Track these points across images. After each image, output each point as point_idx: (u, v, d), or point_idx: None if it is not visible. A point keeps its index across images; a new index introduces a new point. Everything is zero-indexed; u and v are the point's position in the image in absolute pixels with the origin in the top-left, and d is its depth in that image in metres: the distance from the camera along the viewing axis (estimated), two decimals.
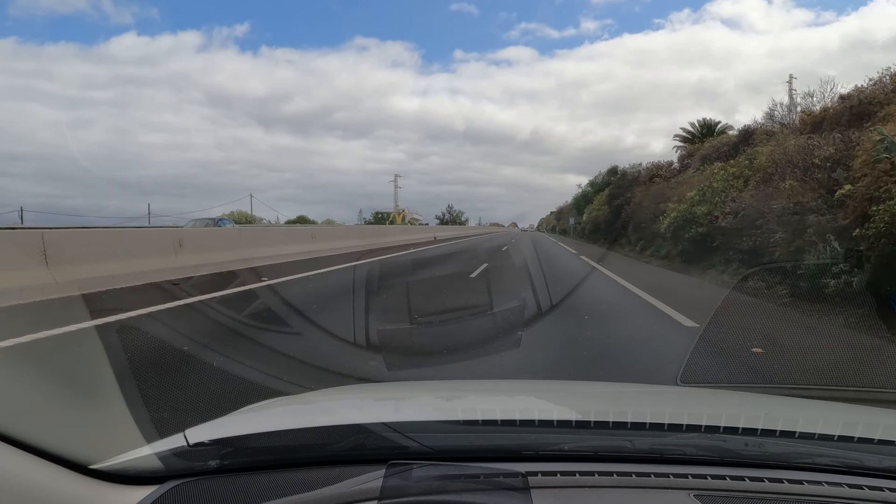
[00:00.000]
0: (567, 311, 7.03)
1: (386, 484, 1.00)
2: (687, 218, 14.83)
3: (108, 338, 4.86)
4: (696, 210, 14.46)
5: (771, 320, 6.86)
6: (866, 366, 4.27)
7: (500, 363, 4.29)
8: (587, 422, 1.35)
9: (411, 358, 4.67)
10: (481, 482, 1.04)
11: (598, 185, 41.87)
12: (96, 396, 2.82)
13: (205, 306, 6.75)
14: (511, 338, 5.04)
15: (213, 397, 3.32)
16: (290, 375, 3.60)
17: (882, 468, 1.11)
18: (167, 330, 5.37)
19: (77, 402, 2.90)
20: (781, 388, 3.85)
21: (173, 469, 1.09)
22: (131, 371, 3.57)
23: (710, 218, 13.51)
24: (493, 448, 1.22)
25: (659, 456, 1.15)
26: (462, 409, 1.59)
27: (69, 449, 1.05)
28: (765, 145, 14.78)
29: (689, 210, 14.84)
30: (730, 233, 12.01)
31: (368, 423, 1.25)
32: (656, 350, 5.16)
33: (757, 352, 4.73)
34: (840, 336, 5.69)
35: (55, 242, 7.37)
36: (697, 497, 1.00)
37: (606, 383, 3.41)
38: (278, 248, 13.73)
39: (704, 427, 1.24)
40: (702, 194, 14.66)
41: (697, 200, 14.68)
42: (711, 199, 13.98)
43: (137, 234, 10.78)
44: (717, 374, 4.36)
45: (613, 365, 4.57)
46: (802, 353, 4.91)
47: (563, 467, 1.10)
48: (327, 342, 5.01)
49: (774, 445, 1.18)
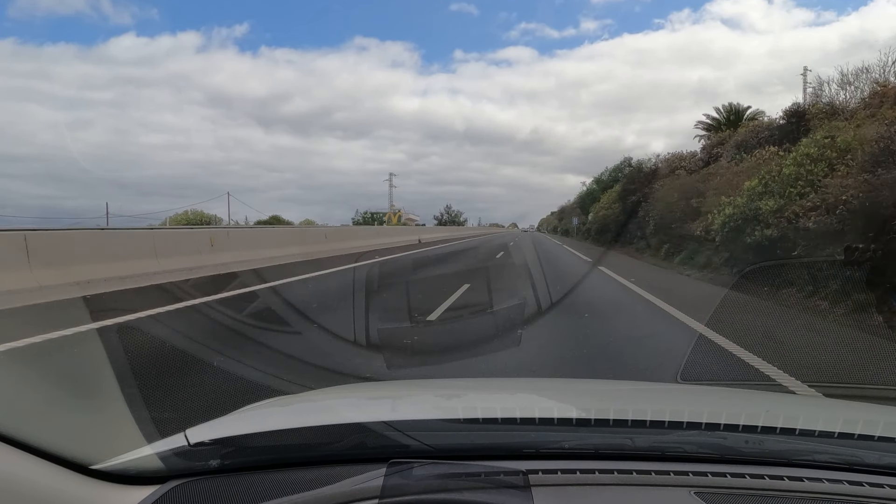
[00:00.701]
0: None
1: (387, 483, 1.00)
2: (747, 216, 10.69)
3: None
4: (760, 205, 10.38)
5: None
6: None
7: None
8: (588, 420, 1.35)
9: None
10: (482, 481, 1.04)
11: (605, 181, 38.33)
12: (96, 397, 2.84)
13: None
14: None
15: (168, 410, 3.16)
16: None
17: (882, 465, 1.11)
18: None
19: (79, 403, 2.93)
20: (782, 386, 3.79)
21: (174, 469, 1.10)
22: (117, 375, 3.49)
23: (784, 216, 9.55)
24: (493, 446, 1.22)
25: (660, 454, 1.15)
26: (462, 407, 1.59)
27: (71, 449, 1.06)
28: (839, 122, 11.39)
29: (750, 206, 10.73)
30: (819, 236, 8.29)
31: (369, 421, 1.25)
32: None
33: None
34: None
35: (36, 247, 7.34)
36: (698, 494, 1.00)
37: (607, 381, 3.41)
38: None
39: (705, 425, 1.25)
40: (764, 184, 10.81)
41: (760, 192, 10.72)
42: (782, 191, 10.09)
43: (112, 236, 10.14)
44: (716, 371, 4.27)
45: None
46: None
47: (564, 465, 1.10)
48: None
49: (775, 443, 1.18)
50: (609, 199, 31.75)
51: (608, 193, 33.32)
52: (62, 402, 3.05)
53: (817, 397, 3.55)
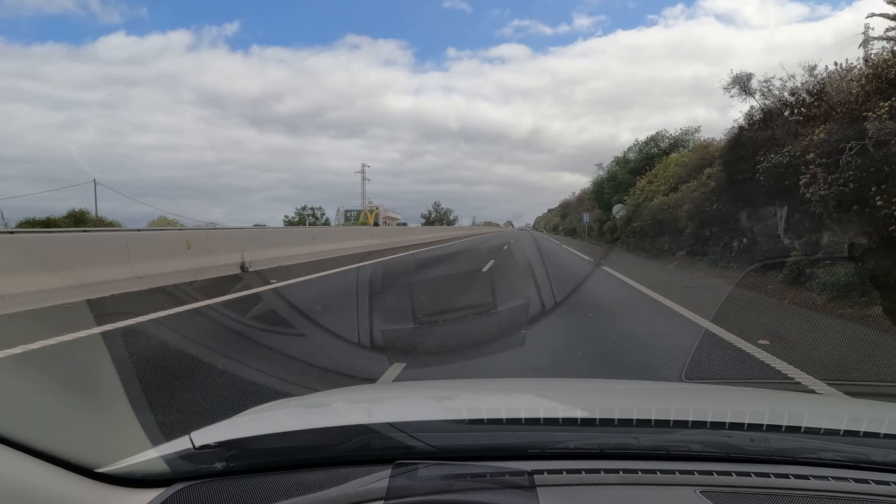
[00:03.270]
0: None
1: (392, 484, 1.01)
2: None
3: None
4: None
5: None
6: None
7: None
8: (592, 419, 1.35)
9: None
10: (487, 481, 1.04)
11: (633, 161, 28.35)
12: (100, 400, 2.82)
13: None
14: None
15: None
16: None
17: (888, 462, 1.11)
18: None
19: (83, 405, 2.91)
20: (786, 384, 3.77)
21: (179, 472, 1.10)
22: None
23: None
24: (498, 447, 1.22)
25: (665, 453, 1.15)
26: (467, 408, 1.59)
27: (76, 453, 1.07)
28: None
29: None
30: None
31: (374, 423, 1.26)
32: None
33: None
34: None
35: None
36: (703, 493, 1.00)
37: (611, 380, 3.40)
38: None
39: (710, 423, 1.25)
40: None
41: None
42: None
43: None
44: (721, 370, 4.25)
45: None
46: None
47: (569, 465, 1.10)
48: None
49: (780, 441, 1.18)
50: (671, 174, 19.89)
51: (666, 167, 21.78)
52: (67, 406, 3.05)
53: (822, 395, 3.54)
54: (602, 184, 33.56)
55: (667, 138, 27.97)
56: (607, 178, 32.44)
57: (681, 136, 27.42)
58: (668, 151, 26.02)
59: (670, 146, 27.18)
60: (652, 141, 28.36)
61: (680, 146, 26.60)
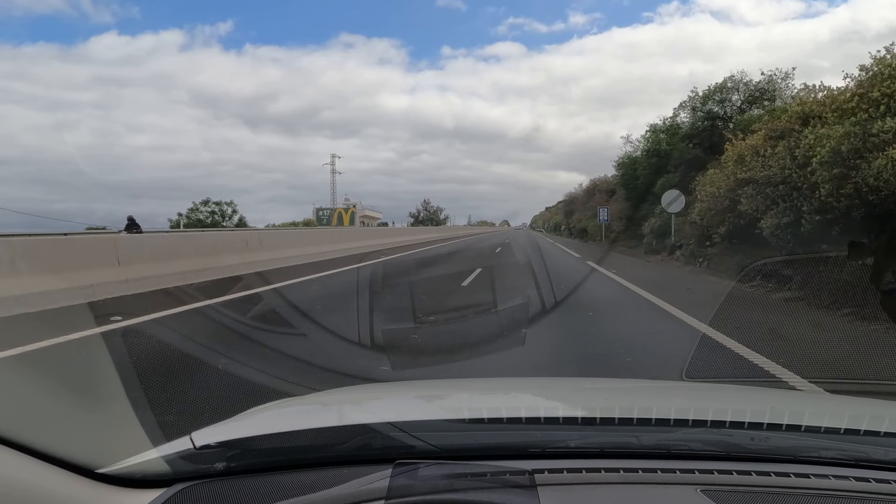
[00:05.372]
0: None
1: (393, 483, 1.01)
2: None
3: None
4: None
5: None
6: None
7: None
8: (593, 418, 1.35)
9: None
10: (488, 480, 1.04)
11: (691, 124, 19.24)
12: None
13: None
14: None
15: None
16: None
17: (888, 461, 1.11)
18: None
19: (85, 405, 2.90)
20: (786, 383, 3.76)
21: (180, 472, 1.10)
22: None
23: None
24: (499, 446, 1.22)
25: (665, 451, 1.15)
26: (467, 407, 1.59)
27: (76, 453, 1.07)
28: None
29: None
30: None
31: (374, 423, 1.25)
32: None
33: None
34: None
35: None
36: (704, 492, 1.00)
37: (611, 379, 3.40)
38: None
39: (710, 422, 1.25)
40: None
41: None
42: None
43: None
44: (721, 369, 4.24)
45: None
46: None
47: (570, 464, 1.10)
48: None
49: (780, 439, 1.18)
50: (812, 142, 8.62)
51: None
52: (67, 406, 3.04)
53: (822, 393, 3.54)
54: (632, 165, 22.44)
55: (750, 86, 17.90)
56: (646, 155, 21.11)
57: (765, 84, 17.67)
58: (744, 109, 17.63)
59: (750, 98, 17.93)
60: (719, 92, 18.43)
61: (772, 96, 17.39)
